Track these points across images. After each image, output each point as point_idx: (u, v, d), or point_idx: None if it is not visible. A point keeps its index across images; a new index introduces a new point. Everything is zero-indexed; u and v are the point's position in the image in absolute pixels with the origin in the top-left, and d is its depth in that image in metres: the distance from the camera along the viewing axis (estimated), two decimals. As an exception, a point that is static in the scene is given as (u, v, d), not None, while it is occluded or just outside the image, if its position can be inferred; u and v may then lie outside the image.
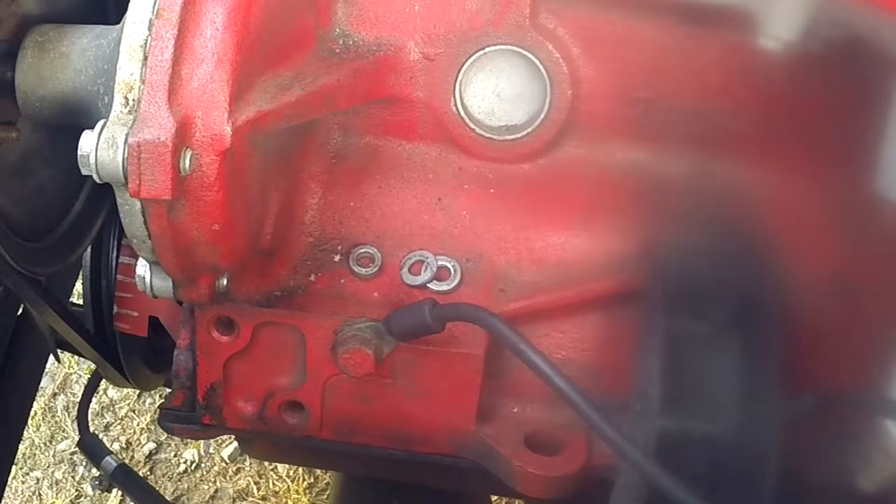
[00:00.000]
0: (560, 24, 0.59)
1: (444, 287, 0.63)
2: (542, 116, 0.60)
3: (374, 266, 0.63)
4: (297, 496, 1.73)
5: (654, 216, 0.62)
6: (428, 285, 0.63)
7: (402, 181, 0.65)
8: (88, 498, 1.78)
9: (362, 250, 0.63)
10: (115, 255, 0.81)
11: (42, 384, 1.51)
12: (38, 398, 1.82)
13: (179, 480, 1.80)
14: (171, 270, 0.54)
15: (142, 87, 0.49)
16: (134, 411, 1.89)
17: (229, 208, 0.52)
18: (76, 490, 1.80)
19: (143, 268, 0.57)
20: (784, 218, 0.57)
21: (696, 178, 0.61)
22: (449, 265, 0.63)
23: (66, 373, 1.94)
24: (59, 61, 0.56)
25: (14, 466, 1.22)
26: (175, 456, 1.84)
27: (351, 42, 0.60)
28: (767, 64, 0.55)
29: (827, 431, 0.52)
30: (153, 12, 0.49)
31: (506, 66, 0.60)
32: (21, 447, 1.17)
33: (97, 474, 1.18)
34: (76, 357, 1.74)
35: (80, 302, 0.85)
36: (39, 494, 1.80)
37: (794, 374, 0.54)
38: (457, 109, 0.61)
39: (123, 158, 0.48)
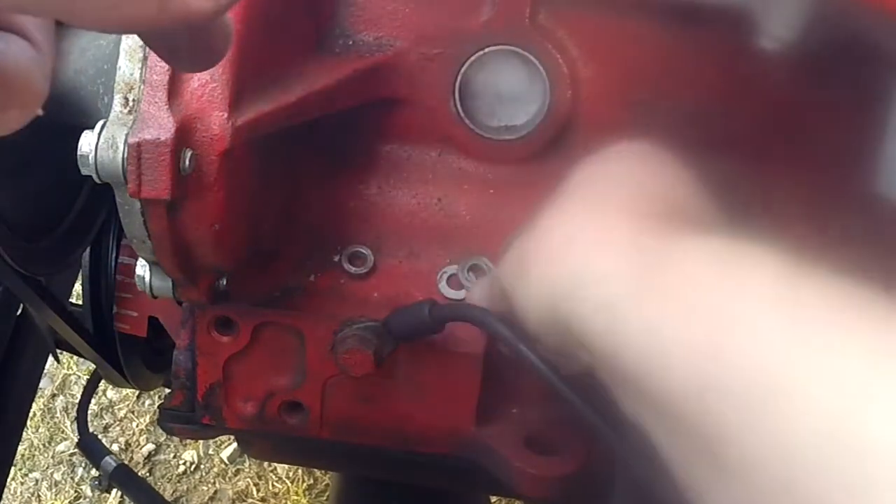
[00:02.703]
0: (560, 25, 0.59)
1: (444, 287, 0.63)
2: (541, 117, 0.60)
3: (366, 266, 0.63)
4: (296, 497, 1.73)
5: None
6: (428, 285, 0.63)
7: (401, 181, 0.65)
8: (87, 499, 1.78)
9: (360, 250, 0.63)
10: (114, 255, 0.81)
11: (41, 385, 1.51)
12: (36, 399, 1.82)
13: (178, 482, 1.79)
14: (171, 271, 0.54)
15: (142, 87, 0.49)
16: (133, 412, 1.89)
17: (229, 208, 0.52)
18: (75, 491, 1.80)
19: (142, 268, 0.57)
20: (783, 218, 0.57)
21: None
22: (449, 265, 0.63)
23: (64, 374, 1.93)
24: (59, 61, 0.56)
25: (13, 468, 1.22)
26: (174, 457, 1.84)
27: (351, 42, 0.60)
28: (768, 65, 0.55)
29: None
30: (153, 12, 0.49)
31: (505, 67, 0.60)
32: (20, 448, 1.17)
33: (96, 475, 1.18)
34: (75, 358, 1.74)
35: (80, 302, 0.85)
36: (38, 496, 1.80)
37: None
38: (456, 110, 0.61)
39: (123, 158, 0.48)
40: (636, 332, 0.37)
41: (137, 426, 1.83)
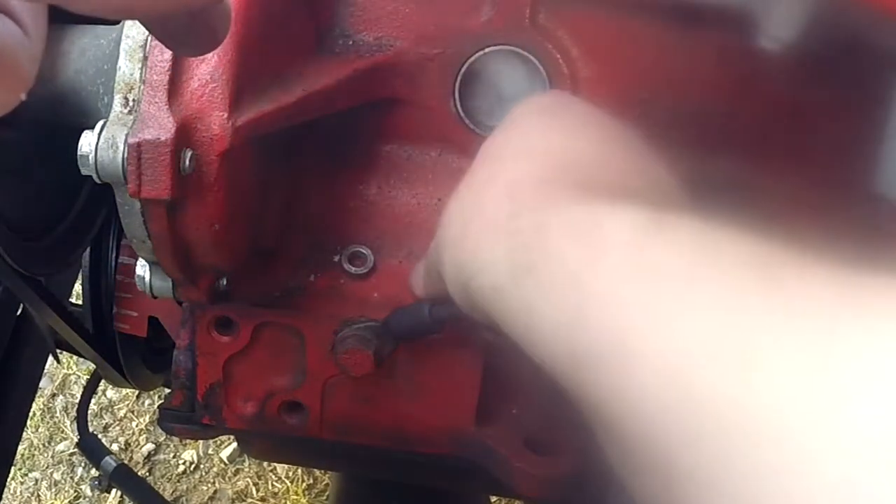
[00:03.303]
0: (560, 25, 0.59)
1: (443, 287, 0.63)
2: (541, 117, 0.60)
3: (366, 266, 0.63)
4: (295, 497, 1.73)
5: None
6: (428, 285, 0.63)
7: (401, 181, 0.65)
8: (87, 499, 1.78)
9: (360, 250, 0.63)
10: (114, 255, 0.81)
11: (41, 385, 1.51)
12: (36, 399, 1.82)
13: (178, 481, 1.79)
14: (171, 271, 0.55)
15: (142, 87, 0.49)
16: (133, 412, 1.89)
17: (229, 208, 0.52)
18: (75, 491, 1.80)
19: (142, 268, 0.57)
20: (782, 220, 0.57)
21: (695, 179, 0.61)
22: (449, 265, 0.63)
23: (64, 373, 1.93)
24: (59, 61, 0.56)
25: (13, 467, 1.22)
26: (174, 457, 1.84)
27: (351, 42, 0.60)
28: (768, 64, 0.55)
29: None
30: (153, 12, 0.49)
31: (505, 67, 0.60)
32: (20, 448, 1.17)
33: (96, 475, 1.18)
34: (75, 358, 1.74)
35: (80, 302, 0.85)
36: (38, 495, 1.80)
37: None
38: (456, 110, 0.61)
39: (123, 158, 0.48)
40: (518, 314, 0.38)
41: (137, 426, 1.83)
